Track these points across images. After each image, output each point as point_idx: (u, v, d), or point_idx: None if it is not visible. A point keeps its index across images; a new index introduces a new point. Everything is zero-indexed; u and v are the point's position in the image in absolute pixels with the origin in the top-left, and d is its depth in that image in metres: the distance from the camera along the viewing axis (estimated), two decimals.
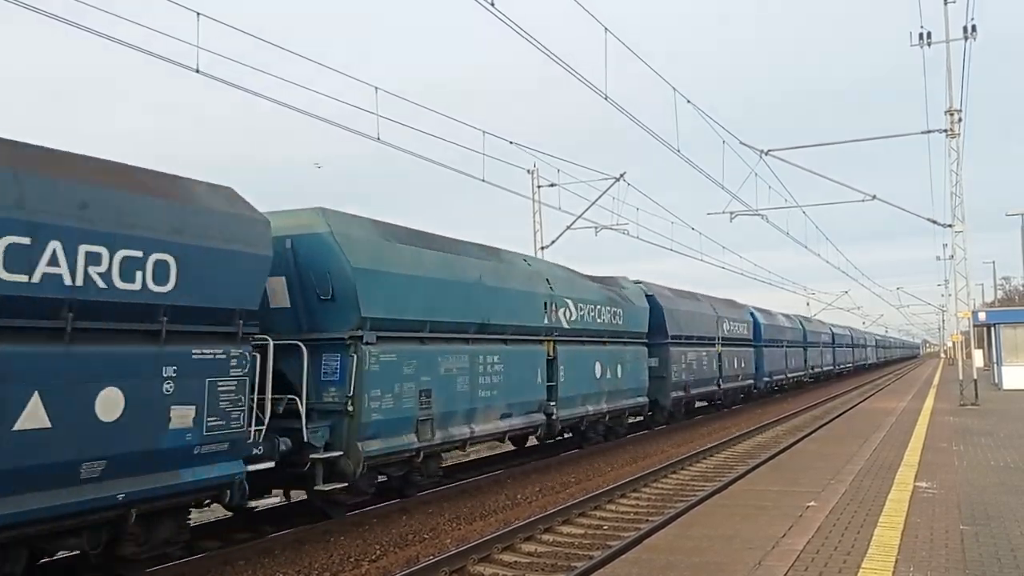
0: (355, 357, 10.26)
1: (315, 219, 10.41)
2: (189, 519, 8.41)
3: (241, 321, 8.32)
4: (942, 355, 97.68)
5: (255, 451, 8.90)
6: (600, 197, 26.34)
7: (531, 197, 27.53)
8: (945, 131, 22.18)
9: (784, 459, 13.28)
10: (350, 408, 10.19)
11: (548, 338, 15.38)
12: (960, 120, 22.09)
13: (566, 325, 16.04)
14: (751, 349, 31.30)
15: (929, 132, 22.66)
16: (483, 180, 19.69)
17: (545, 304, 15.25)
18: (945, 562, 6.26)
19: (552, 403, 15.37)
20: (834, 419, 21.57)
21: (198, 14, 10.95)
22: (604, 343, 17.86)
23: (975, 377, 23.62)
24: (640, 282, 21.71)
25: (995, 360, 31.78)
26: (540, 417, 14.96)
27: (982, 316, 31.40)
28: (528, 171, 27.29)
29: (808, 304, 70.88)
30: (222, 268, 8.10)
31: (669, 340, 22.14)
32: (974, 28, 21.19)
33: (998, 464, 11.35)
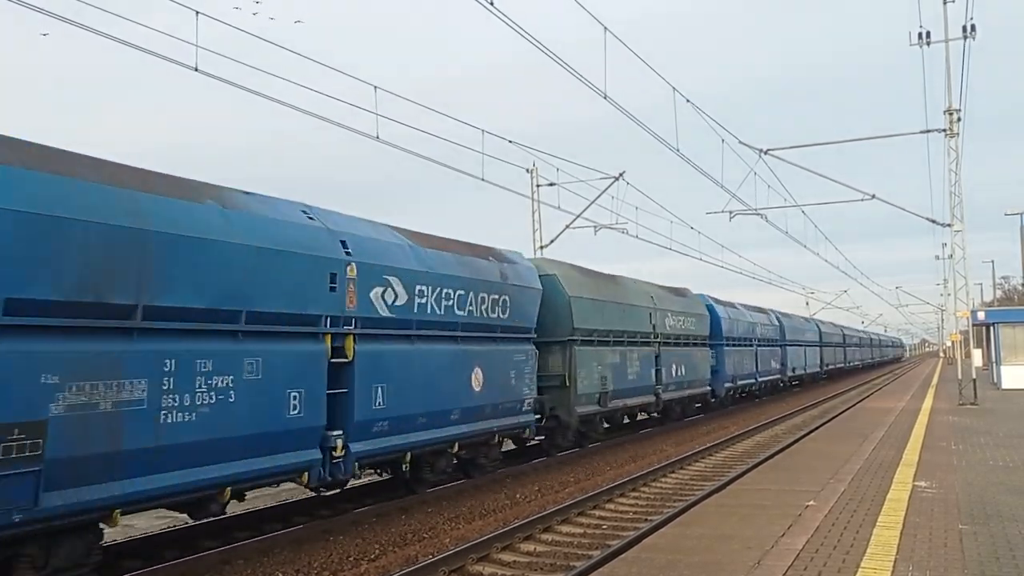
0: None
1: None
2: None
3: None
4: (941, 354, 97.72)
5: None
6: (599, 196, 26.35)
7: (530, 196, 27.53)
8: (944, 131, 22.20)
9: (783, 458, 13.29)
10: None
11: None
12: (959, 120, 22.11)
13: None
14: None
15: (928, 132, 22.69)
16: (482, 179, 19.69)
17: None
18: (944, 561, 6.27)
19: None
20: (833, 418, 21.59)
21: (197, 13, 10.94)
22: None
23: (974, 376, 23.62)
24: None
25: (994, 359, 31.80)
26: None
27: (981, 315, 31.42)
28: (527, 170, 27.27)
29: (807, 303, 70.84)
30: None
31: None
32: (973, 28, 21.19)
33: (997, 463, 11.36)
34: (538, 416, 15.40)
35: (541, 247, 27.56)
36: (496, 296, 13.75)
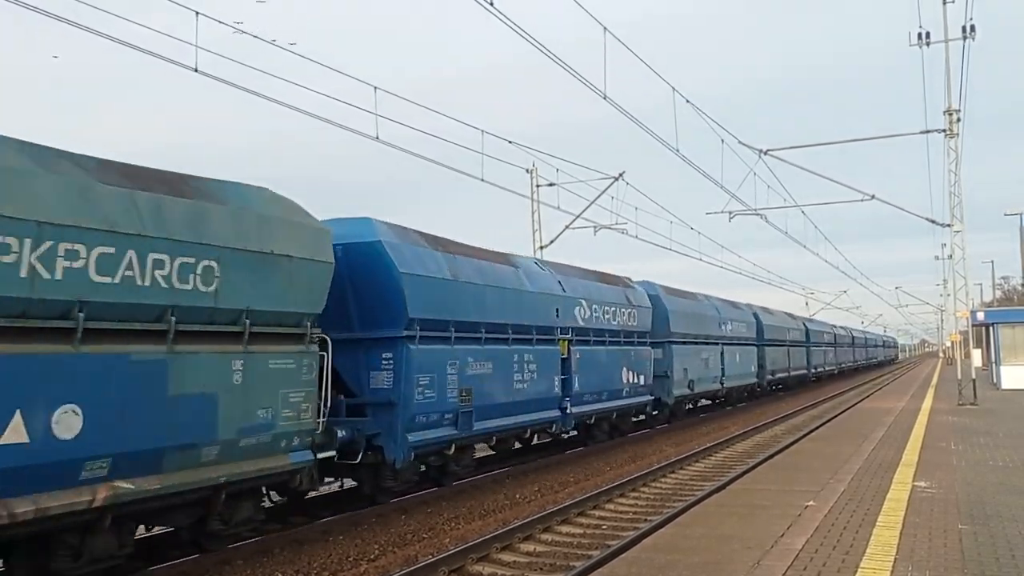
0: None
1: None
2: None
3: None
4: (940, 355, 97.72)
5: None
6: (599, 196, 26.37)
7: (530, 196, 27.53)
8: (944, 131, 22.20)
9: (783, 458, 13.30)
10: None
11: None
12: (959, 120, 22.11)
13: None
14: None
15: (928, 132, 22.70)
16: (482, 179, 19.71)
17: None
18: (944, 561, 6.27)
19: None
20: (833, 418, 21.59)
21: (197, 13, 10.95)
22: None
23: (974, 377, 23.62)
24: None
25: (994, 360, 31.80)
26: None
27: (981, 316, 31.41)
28: (527, 170, 27.28)
29: (807, 303, 70.77)
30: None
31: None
32: (973, 28, 21.20)
33: (997, 463, 11.36)
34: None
35: (541, 247, 27.57)
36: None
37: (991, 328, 31.57)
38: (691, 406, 26.30)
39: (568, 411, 15.85)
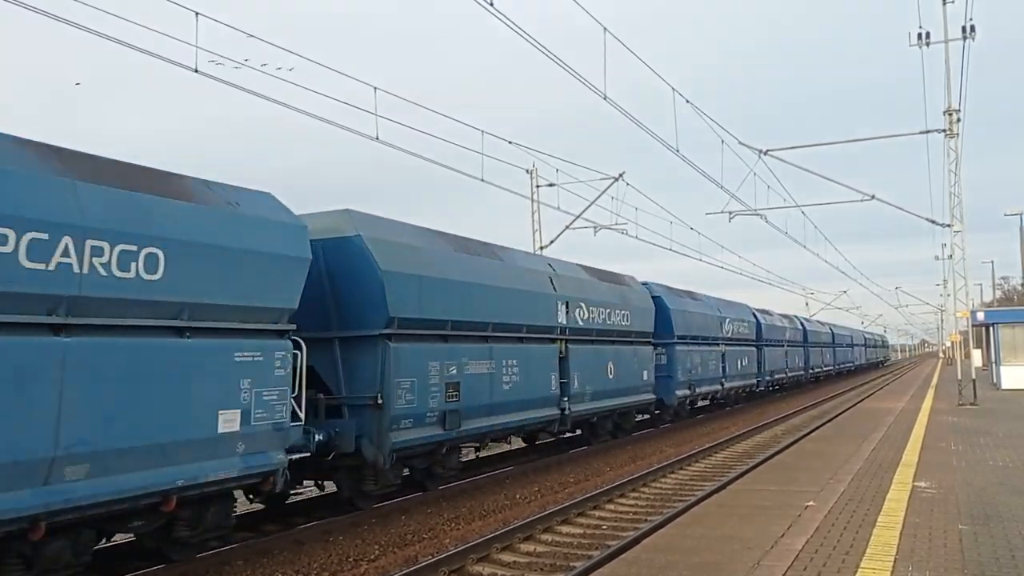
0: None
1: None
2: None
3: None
4: (940, 355, 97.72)
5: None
6: (599, 197, 26.37)
7: (530, 197, 27.53)
8: (944, 131, 22.20)
9: (783, 459, 13.29)
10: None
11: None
12: (959, 120, 22.11)
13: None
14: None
15: (928, 132, 22.70)
16: (482, 180, 19.72)
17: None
18: (944, 562, 6.27)
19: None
20: (833, 419, 21.58)
21: (197, 14, 10.95)
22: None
23: (974, 377, 23.63)
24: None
25: (994, 360, 31.80)
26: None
27: (980, 316, 31.40)
28: (527, 171, 27.29)
29: (807, 304, 70.73)
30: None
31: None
32: (973, 28, 21.20)
33: (997, 464, 11.36)
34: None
35: (541, 247, 27.57)
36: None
37: (991, 328, 31.57)
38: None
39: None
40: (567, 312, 16.16)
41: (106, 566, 8.65)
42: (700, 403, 26.51)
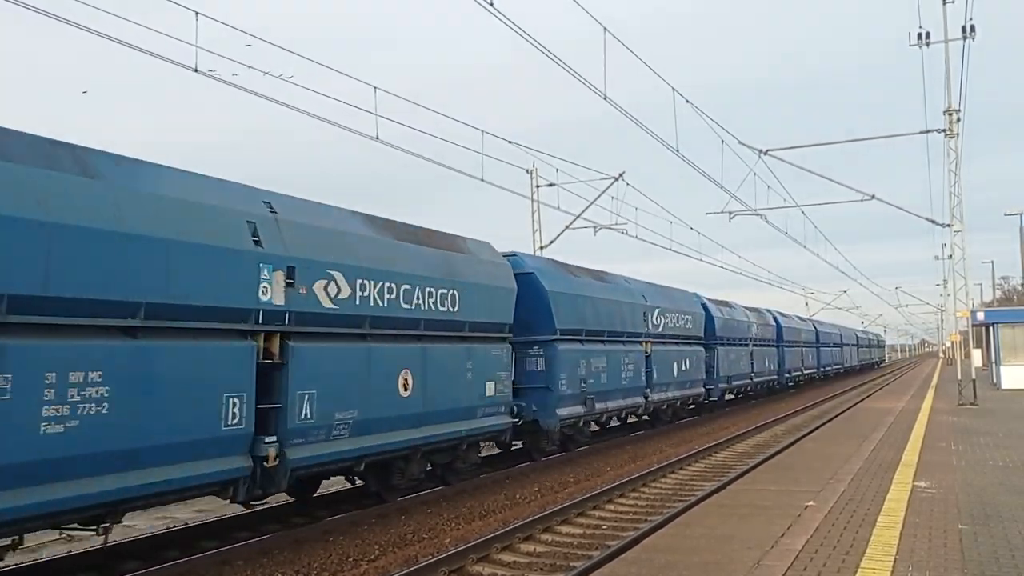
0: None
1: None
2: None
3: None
4: (940, 355, 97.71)
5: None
6: (599, 197, 26.38)
7: (530, 197, 27.53)
8: (944, 131, 22.20)
9: (783, 459, 13.29)
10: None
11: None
12: (959, 120, 22.11)
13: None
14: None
15: (928, 132, 22.70)
16: (482, 179, 19.71)
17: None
18: (944, 562, 6.27)
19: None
20: (833, 419, 21.59)
21: (197, 13, 10.94)
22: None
23: (974, 377, 23.63)
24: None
25: (994, 360, 31.80)
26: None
27: (980, 316, 31.42)
28: (527, 171, 27.28)
29: (807, 304, 70.69)
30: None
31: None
32: (973, 28, 21.19)
33: (997, 464, 11.36)
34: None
35: (541, 247, 27.58)
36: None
37: (991, 328, 31.58)
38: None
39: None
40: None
41: (106, 566, 8.66)
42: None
